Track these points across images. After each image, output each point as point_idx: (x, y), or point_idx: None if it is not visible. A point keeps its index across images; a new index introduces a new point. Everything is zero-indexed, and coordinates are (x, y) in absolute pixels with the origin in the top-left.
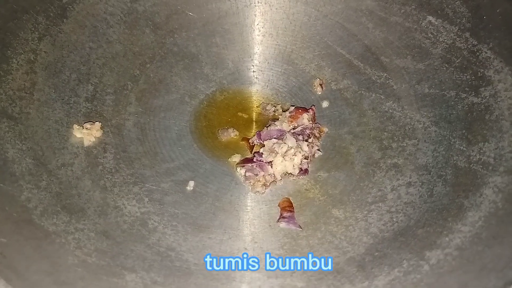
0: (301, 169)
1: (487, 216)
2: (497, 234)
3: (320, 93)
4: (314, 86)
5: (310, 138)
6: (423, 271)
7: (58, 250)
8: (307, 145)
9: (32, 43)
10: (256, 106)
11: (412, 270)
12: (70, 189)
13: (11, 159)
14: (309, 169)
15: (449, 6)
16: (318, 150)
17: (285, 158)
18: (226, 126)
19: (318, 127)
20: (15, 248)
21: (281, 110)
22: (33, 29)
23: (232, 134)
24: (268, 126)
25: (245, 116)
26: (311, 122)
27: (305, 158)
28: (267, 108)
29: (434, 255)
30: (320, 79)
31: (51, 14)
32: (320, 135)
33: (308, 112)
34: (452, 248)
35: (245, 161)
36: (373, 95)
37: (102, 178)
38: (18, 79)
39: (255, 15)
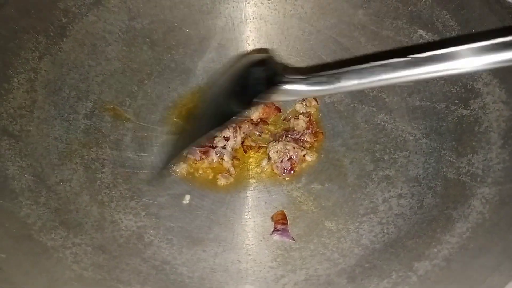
0: (285, 169)
1: (474, 227)
2: (483, 245)
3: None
4: (309, 99)
5: (300, 141)
6: (411, 282)
7: (56, 265)
8: (294, 147)
9: (32, 62)
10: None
11: (400, 281)
12: (68, 204)
13: (11, 176)
14: (299, 175)
15: (439, 20)
16: (308, 154)
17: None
18: None
19: (311, 133)
20: (14, 263)
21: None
22: (33, 48)
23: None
24: None
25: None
26: (306, 127)
27: (288, 159)
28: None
29: (422, 266)
30: None
31: (51, 33)
32: (314, 140)
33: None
34: (439, 259)
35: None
36: (366, 107)
37: (100, 193)
38: (18, 97)
39: (250, 30)
